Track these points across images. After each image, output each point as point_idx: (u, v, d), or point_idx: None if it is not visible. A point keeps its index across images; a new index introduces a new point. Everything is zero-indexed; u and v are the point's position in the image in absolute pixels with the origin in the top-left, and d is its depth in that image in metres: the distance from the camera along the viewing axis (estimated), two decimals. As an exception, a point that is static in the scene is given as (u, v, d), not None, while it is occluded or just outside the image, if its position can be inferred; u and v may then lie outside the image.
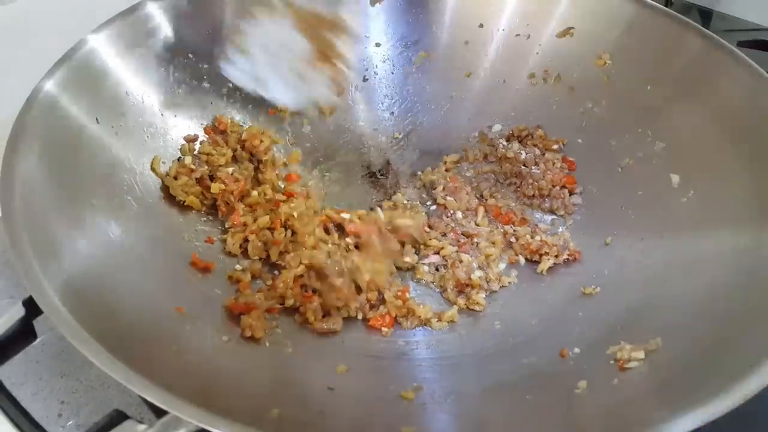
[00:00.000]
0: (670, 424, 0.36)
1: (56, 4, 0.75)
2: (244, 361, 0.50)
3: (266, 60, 0.65)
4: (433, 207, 0.69)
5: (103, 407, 0.55)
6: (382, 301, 0.59)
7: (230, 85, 0.69)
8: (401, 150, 0.76)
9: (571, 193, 0.69)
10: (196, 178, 0.62)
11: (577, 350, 0.52)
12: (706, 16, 1.04)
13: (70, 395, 0.56)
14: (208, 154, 0.64)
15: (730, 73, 0.60)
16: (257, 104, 0.70)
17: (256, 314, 0.53)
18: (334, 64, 0.64)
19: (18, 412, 0.41)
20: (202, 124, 0.67)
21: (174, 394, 0.36)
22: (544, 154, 0.71)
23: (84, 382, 0.57)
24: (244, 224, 0.62)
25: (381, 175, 0.74)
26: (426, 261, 0.64)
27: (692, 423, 0.36)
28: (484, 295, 0.60)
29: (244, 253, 0.61)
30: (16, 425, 0.40)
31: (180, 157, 0.64)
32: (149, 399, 0.36)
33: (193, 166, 0.62)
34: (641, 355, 0.47)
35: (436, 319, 0.58)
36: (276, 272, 0.60)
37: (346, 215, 0.64)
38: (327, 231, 0.63)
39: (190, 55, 0.66)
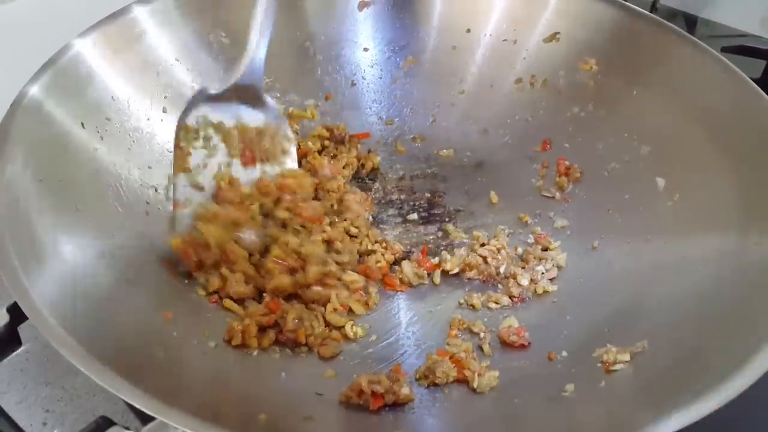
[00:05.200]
0: (655, 425, 0.36)
1: (46, 8, 0.75)
2: (232, 367, 0.50)
3: None
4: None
5: (89, 416, 0.55)
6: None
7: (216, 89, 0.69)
8: (389, 155, 0.76)
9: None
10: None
11: (564, 353, 0.52)
12: (691, 22, 1.06)
13: (55, 403, 0.55)
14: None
15: (715, 78, 0.61)
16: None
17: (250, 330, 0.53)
18: None
19: (3, 420, 0.40)
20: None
21: (161, 400, 0.36)
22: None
23: (69, 391, 0.56)
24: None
25: (369, 179, 0.74)
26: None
27: (676, 424, 0.36)
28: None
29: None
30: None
31: None
32: (136, 405, 0.35)
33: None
34: (626, 357, 0.47)
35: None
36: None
37: None
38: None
39: (176, 59, 0.66)
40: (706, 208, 0.56)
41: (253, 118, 0.64)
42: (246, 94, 0.62)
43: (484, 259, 0.62)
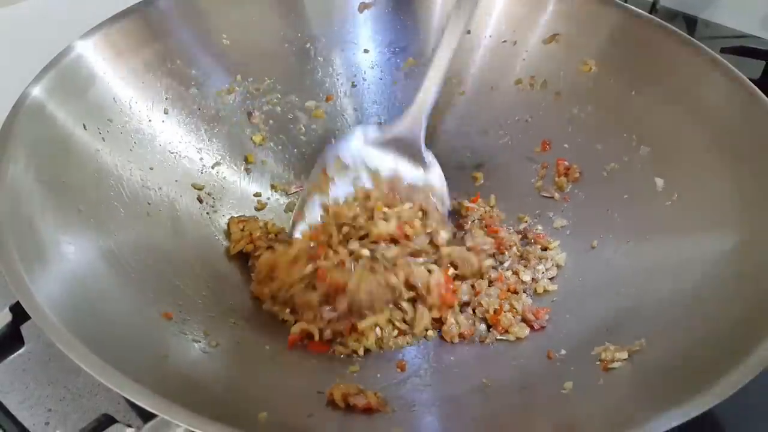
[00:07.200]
0: (653, 422, 0.36)
1: (48, 10, 0.75)
2: (233, 366, 0.50)
3: None
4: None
5: (91, 415, 0.55)
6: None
7: (218, 89, 0.70)
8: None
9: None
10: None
11: (563, 351, 0.52)
12: (690, 23, 1.06)
13: (58, 403, 0.56)
14: None
15: (713, 79, 0.61)
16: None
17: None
18: None
19: (7, 419, 0.40)
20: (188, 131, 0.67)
21: (162, 397, 0.36)
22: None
23: (71, 390, 0.56)
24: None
25: (369, 180, 0.74)
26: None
27: (673, 421, 0.36)
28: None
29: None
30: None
31: None
32: (138, 402, 0.36)
33: None
34: (624, 355, 0.47)
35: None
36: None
37: None
38: None
39: (177, 60, 0.67)
40: (705, 208, 0.56)
41: (411, 174, 0.62)
42: (406, 148, 0.62)
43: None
